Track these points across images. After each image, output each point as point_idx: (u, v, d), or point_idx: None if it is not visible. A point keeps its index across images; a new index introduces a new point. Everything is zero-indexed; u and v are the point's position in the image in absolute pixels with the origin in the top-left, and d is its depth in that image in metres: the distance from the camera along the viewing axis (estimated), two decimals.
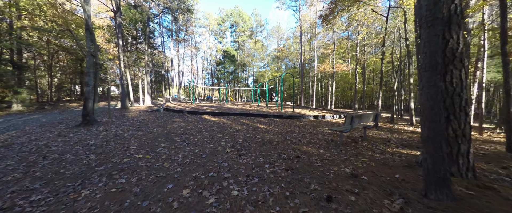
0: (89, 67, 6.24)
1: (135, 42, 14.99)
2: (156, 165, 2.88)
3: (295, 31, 36.74)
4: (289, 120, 7.98)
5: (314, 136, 5.10)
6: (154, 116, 9.10)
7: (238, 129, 5.82)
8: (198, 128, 5.99)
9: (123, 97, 12.30)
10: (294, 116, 8.49)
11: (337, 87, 28.23)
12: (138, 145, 4.01)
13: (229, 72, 31.96)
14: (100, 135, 5.03)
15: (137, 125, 6.55)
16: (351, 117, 3.89)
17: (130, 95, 14.41)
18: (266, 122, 7.30)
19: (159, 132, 5.35)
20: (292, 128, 6.35)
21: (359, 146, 4.09)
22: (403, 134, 5.69)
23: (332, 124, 7.44)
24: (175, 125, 6.57)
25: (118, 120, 7.69)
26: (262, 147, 3.91)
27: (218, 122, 7.23)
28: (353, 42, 17.37)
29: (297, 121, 7.83)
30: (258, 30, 36.04)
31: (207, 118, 8.33)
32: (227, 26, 34.23)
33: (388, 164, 2.90)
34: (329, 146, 4.05)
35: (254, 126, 6.41)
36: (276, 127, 6.45)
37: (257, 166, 2.84)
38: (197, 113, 9.59)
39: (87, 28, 6.20)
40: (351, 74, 26.06)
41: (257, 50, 34.86)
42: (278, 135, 5.09)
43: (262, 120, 7.73)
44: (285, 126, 6.69)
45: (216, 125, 6.46)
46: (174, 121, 7.37)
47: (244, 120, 7.64)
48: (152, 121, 7.56)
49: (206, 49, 35.17)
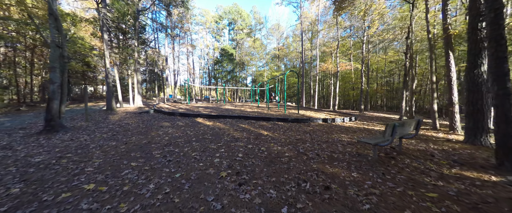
0: (54, 61, 5.09)
1: (124, 38, 13.78)
2: (106, 209, 1.79)
3: (295, 30, 35.80)
4: (296, 124, 6.92)
5: (333, 147, 4.05)
6: (140, 119, 7.96)
7: (237, 137, 4.74)
8: (188, 135, 4.89)
9: (108, 98, 11.11)
10: (300, 119, 7.44)
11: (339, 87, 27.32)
12: (99, 165, 2.90)
13: (227, 72, 30.82)
14: (57, 147, 3.90)
15: (114, 132, 5.41)
16: (393, 125, 2.85)
17: (119, 96, 13.21)
18: (270, 127, 6.23)
19: (137, 142, 4.23)
20: (301, 134, 5.29)
21: (400, 163, 3.05)
22: (439, 143, 4.68)
23: (346, 129, 6.41)
24: (161, 131, 5.46)
25: (95, 125, 6.54)
26: (270, 167, 2.84)
27: (213, 126, 6.14)
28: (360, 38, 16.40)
29: (305, 125, 6.78)
30: (257, 28, 34.99)
31: (201, 121, 7.22)
32: (225, 24, 33.11)
33: (481, 208, 1.86)
34: (361, 164, 3.00)
35: (256, 133, 5.33)
36: (282, 133, 5.38)
37: (268, 210, 1.76)
38: (190, 115, 8.47)
39: (51, 13, 5.04)
40: (354, 73, 25.17)
41: (256, 49, 33.81)
42: (287, 146, 4.02)
43: (264, 124, 6.66)
44: (293, 131, 5.63)
45: (211, 131, 5.37)
46: (161, 126, 6.25)
47: (243, 124, 6.56)
48: (136, 125, 6.42)
49: (203, 47, 33.97)
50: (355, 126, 7.22)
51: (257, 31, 35.74)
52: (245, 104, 18.44)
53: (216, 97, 21.71)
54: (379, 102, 26.73)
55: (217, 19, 32.37)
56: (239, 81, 34.31)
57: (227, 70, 30.98)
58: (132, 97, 14.07)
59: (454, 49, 5.95)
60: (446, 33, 5.85)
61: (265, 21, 35.06)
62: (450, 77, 5.85)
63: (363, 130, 6.37)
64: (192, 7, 25.09)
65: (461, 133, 5.59)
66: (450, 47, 5.90)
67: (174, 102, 20.38)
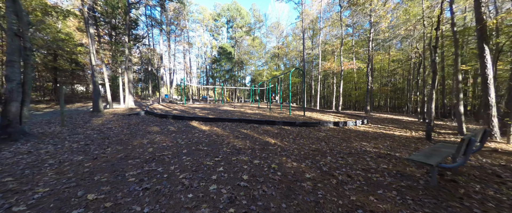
0: (12, 54, 4.11)
1: (114, 33, 12.75)
2: None
3: (295, 28, 35.01)
4: (305, 129, 6.05)
5: (362, 162, 3.18)
6: (127, 122, 7.00)
7: (239, 147, 3.84)
8: (179, 146, 3.97)
9: (95, 98, 10.10)
10: (309, 123, 6.57)
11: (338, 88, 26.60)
12: (39, 199, 1.97)
13: (225, 71, 29.86)
14: (1, 164, 2.94)
15: (89, 140, 4.46)
16: (469, 140, 1.97)
17: (108, 96, 12.19)
18: (276, 133, 5.34)
19: (111, 156, 3.30)
20: (316, 142, 4.42)
21: (470, 191, 2.19)
22: (486, 155, 3.85)
23: (363, 135, 5.55)
24: (146, 139, 4.52)
25: (70, 131, 5.57)
26: (291, 201, 1.95)
27: (210, 132, 5.23)
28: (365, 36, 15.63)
29: (316, 130, 5.91)
30: (257, 26, 34.10)
31: (196, 125, 6.30)
32: (223, 22, 32.12)
33: None
34: (418, 194, 2.13)
35: (261, 141, 4.44)
36: (292, 141, 4.50)
37: None
38: (184, 118, 7.53)
39: None
40: (356, 73, 24.46)
41: (255, 48, 32.90)
42: (305, 161, 3.14)
43: (269, 129, 5.77)
44: (304, 139, 4.75)
45: (207, 139, 4.45)
46: (149, 132, 5.31)
47: (245, 129, 5.66)
48: (118, 131, 5.47)
49: (201, 46, 32.95)
50: (371, 131, 6.38)
51: (256, 30, 34.86)
52: (245, 105, 17.52)
53: (214, 97, 20.74)
54: (382, 102, 26.08)
55: (215, 16, 31.38)
56: (237, 81, 33.38)
57: (225, 69, 30.02)
58: (123, 97, 13.04)
59: (489, 43, 5.14)
60: (481, 24, 5.04)
61: (265, 19, 34.15)
62: (486, 75, 5.04)
63: (383, 136, 5.53)
64: (188, 3, 24.09)
65: (502, 140, 4.78)
66: (485, 40, 5.09)
67: (170, 102, 19.37)
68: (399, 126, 8.10)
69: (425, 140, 5.04)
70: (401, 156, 3.61)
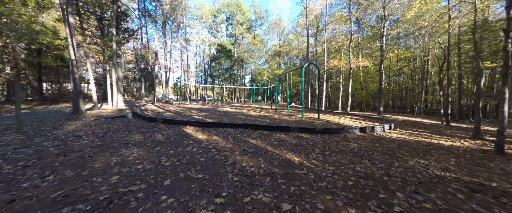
0: None
1: (101, 26, 11.38)
2: None
3: (296, 26, 33.80)
4: (328, 137, 4.77)
5: (456, 204, 1.91)
6: (106, 128, 5.68)
7: (251, 173, 2.55)
8: (160, 170, 2.67)
9: (75, 98, 8.76)
10: (330, 129, 5.29)
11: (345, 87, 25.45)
12: None
13: (225, 69, 28.53)
14: None
15: (36, 157, 3.14)
16: None
17: (93, 95, 10.83)
18: (295, 144, 4.06)
19: (45, 195, 2.00)
20: (356, 162, 3.14)
21: None
22: None
23: (405, 145, 4.29)
24: (116, 157, 3.22)
25: (24, 141, 4.23)
26: None
27: (208, 143, 3.93)
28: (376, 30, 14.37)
29: (342, 139, 4.65)
30: (258, 23, 32.79)
31: (191, 132, 5.00)
32: (222, 19, 30.75)
33: None
34: None
35: (280, 159, 3.16)
36: (323, 159, 3.22)
37: None
38: (177, 122, 6.23)
39: None
40: (363, 71, 23.29)
41: (256, 46, 31.60)
42: (368, 208, 1.86)
43: (285, 139, 4.48)
44: (337, 155, 3.48)
45: (203, 157, 3.16)
46: (127, 143, 4.01)
47: (253, 139, 4.37)
48: (86, 143, 4.15)
49: (199, 43, 31.60)
50: (408, 138, 5.13)
51: (257, 27, 33.57)
52: (246, 106, 16.23)
53: (213, 97, 19.43)
54: (390, 103, 24.95)
55: (214, 12, 30.00)
56: (237, 80, 32.08)
57: (224, 68, 28.69)
58: (111, 97, 11.68)
59: None
60: None
61: (266, 15, 32.86)
62: None
63: (433, 148, 4.28)
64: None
65: None
66: None
67: (165, 103, 18.02)
68: (431, 131, 6.86)
69: (495, 154, 3.80)
70: (507, 189, 2.34)
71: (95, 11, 10.91)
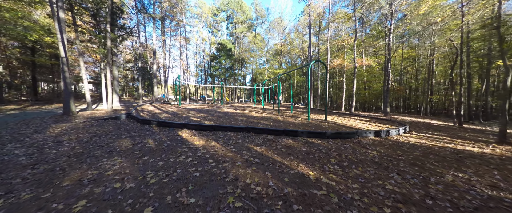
0: None
1: (95, 22, 10.86)
2: None
3: (298, 25, 33.25)
4: (341, 143, 4.23)
5: None
6: (93, 132, 5.15)
7: (258, 194, 2.01)
8: (142, 190, 2.13)
9: (66, 98, 8.24)
10: (342, 134, 4.75)
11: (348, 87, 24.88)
12: None
13: (225, 69, 27.98)
14: None
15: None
16: None
17: (87, 95, 10.30)
18: (306, 153, 3.52)
19: None
20: (383, 175, 2.60)
21: None
22: None
23: (434, 154, 3.74)
24: (93, 170, 2.68)
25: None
26: None
27: (205, 152, 3.39)
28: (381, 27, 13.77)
29: (358, 146, 4.11)
30: (259, 22, 32.21)
31: (187, 137, 4.46)
32: (223, 17, 30.19)
33: None
34: None
35: (291, 173, 2.61)
36: (342, 172, 2.68)
37: None
38: (172, 125, 5.69)
39: None
40: (366, 71, 22.71)
41: (257, 45, 31.05)
42: None
43: (293, 145, 3.94)
44: (358, 166, 2.93)
45: (198, 171, 2.62)
46: (111, 151, 3.47)
47: (258, 146, 3.83)
48: (66, 150, 3.62)
49: (199, 42, 31.09)
50: (429, 144, 4.58)
51: (258, 26, 33.00)
52: (247, 106, 15.70)
53: (213, 97, 18.90)
54: (395, 103, 24.38)
55: (215, 11, 29.44)
56: (237, 79, 31.53)
57: (225, 67, 28.14)
58: (105, 97, 11.15)
59: None
60: None
61: (267, 13, 32.29)
62: None
63: (460, 154, 3.73)
64: None
65: None
66: None
67: (164, 103, 17.49)
68: (448, 134, 6.31)
69: None
70: None
71: (88, 7, 10.38)
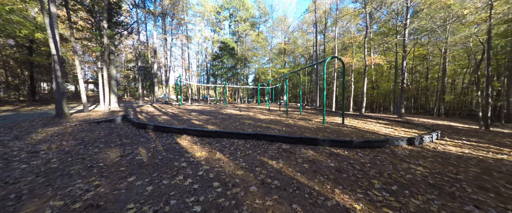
0: None
1: (91, 18, 10.26)
2: None
3: (302, 23, 32.40)
4: (374, 155, 3.46)
5: None
6: (80, 139, 4.48)
7: None
8: None
9: (58, 100, 7.64)
10: (372, 142, 3.98)
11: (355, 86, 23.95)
12: None
13: (228, 68, 27.29)
14: None
15: None
16: None
17: (82, 96, 9.71)
18: (337, 170, 2.76)
19: None
20: (459, 211, 1.83)
21: None
22: None
23: (507, 172, 2.95)
24: (59, 199, 1.97)
25: None
26: None
27: (208, 168, 2.67)
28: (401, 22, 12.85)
29: (395, 158, 3.34)
30: (262, 20, 31.45)
31: (186, 146, 3.76)
32: (225, 15, 29.47)
33: None
34: None
35: (329, 207, 1.87)
36: (402, 208, 1.92)
37: None
38: (170, 130, 5.00)
39: None
40: (374, 70, 21.75)
41: (260, 43, 30.28)
42: None
43: (317, 159, 3.19)
44: (420, 196, 2.16)
45: (197, 202, 1.89)
46: (95, 164, 2.77)
47: (272, 160, 3.09)
48: (36, 165, 2.94)
49: (201, 41, 30.46)
50: (477, 155, 3.78)
51: (261, 24, 32.24)
52: (251, 107, 14.97)
53: (215, 97, 18.21)
54: (405, 103, 23.36)
55: (218, 9, 28.76)
56: (240, 79, 30.82)
57: (227, 67, 27.45)
58: (102, 97, 10.55)
59: None
60: None
61: (271, 11, 31.51)
62: None
63: None
64: None
65: None
66: None
67: (165, 103, 16.88)
68: (485, 140, 5.47)
69: None
70: None
71: (84, 2, 9.78)
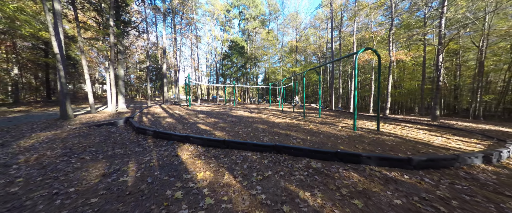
0: None
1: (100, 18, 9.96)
2: None
3: (314, 20, 30.88)
4: (448, 181, 2.41)
5: None
6: (68, 147, 3.87)
7: None
8: None
9: (62, 101, 7.29)
10: (436, 161, 2.90)
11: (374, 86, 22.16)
12: None
13: (237, 68, 26.63)
14: None
15: None
16: None
17: (89, 97, 9.42)
18: (407, 212, 1.78)
19: None
20: None
21: None
22: None
23: None
24: None
25: None
26: None
27: (212, 204, 1.82)
28: (437, 10, 11.25)
29: (479, 187, 2.26)
30: (272, 17, 30.44)
31: (187, 161, 2.95)
32: (235, 13, 28.84)
33: None
34: None
35: None
36: None
37: None
38: (171, 137, 4.25)
39: None
40: (396, 66, 19.87)
41: (270, 42, 29.28)
42: None
43: (370, 189, 2.22)
44: None
45: None
46: (61, 190, 2.02)
47: (306, 193, 2.17)
48: (4, 184, 2.26)
49: (211, 41, 30.13)
50: None
51: (272, 21, 31.23)
52: (262, 108, 14.07)
53: (225, 97, 17.59)
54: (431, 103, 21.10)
55: (227, 7, 28.23)
56: (250, 79, 30.04)
57: (237, 66, 26.80)
58: (109, 98, 10.24)
59: None
60: None
61: (282, 7, 30.39)
62: None
63: None
64: None
65: None
66: None
67: (174, 104, 16.52)
68: None
69: None
70: None
71: (91, 1, 9.48)
